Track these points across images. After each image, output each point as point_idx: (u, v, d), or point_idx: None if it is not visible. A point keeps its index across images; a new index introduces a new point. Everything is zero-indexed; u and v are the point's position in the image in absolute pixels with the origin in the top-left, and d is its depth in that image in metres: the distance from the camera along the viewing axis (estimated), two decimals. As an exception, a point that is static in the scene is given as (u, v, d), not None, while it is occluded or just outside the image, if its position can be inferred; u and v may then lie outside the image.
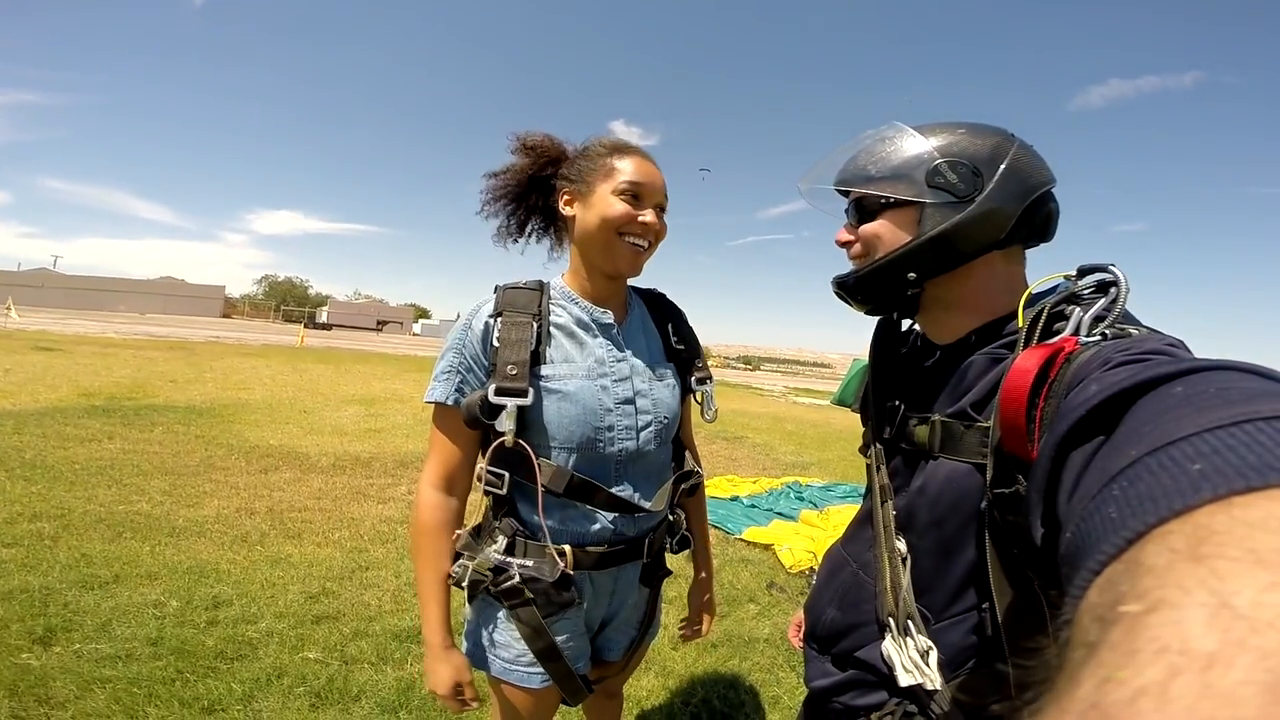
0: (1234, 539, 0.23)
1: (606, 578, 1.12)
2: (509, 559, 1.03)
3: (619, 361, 1.10)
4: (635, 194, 1.05)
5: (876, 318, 0.92)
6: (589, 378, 1.06)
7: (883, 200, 0.78)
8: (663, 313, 1.23)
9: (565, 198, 1.11)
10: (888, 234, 0.78)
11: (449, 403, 1.03)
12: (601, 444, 1.05)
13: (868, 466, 0.86)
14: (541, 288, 1.12)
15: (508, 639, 1.07)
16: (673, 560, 1.29)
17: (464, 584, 1.04)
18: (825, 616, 0.86)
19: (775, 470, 6.38)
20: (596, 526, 1.06)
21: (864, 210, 0.81)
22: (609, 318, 1.12)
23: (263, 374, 10.62)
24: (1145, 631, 0.21)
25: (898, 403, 0.84)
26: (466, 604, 1.13)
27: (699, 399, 1.21)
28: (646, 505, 1.09)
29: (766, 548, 3.78)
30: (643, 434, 1.08)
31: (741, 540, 3.90)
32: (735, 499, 4.87)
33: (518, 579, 1.02)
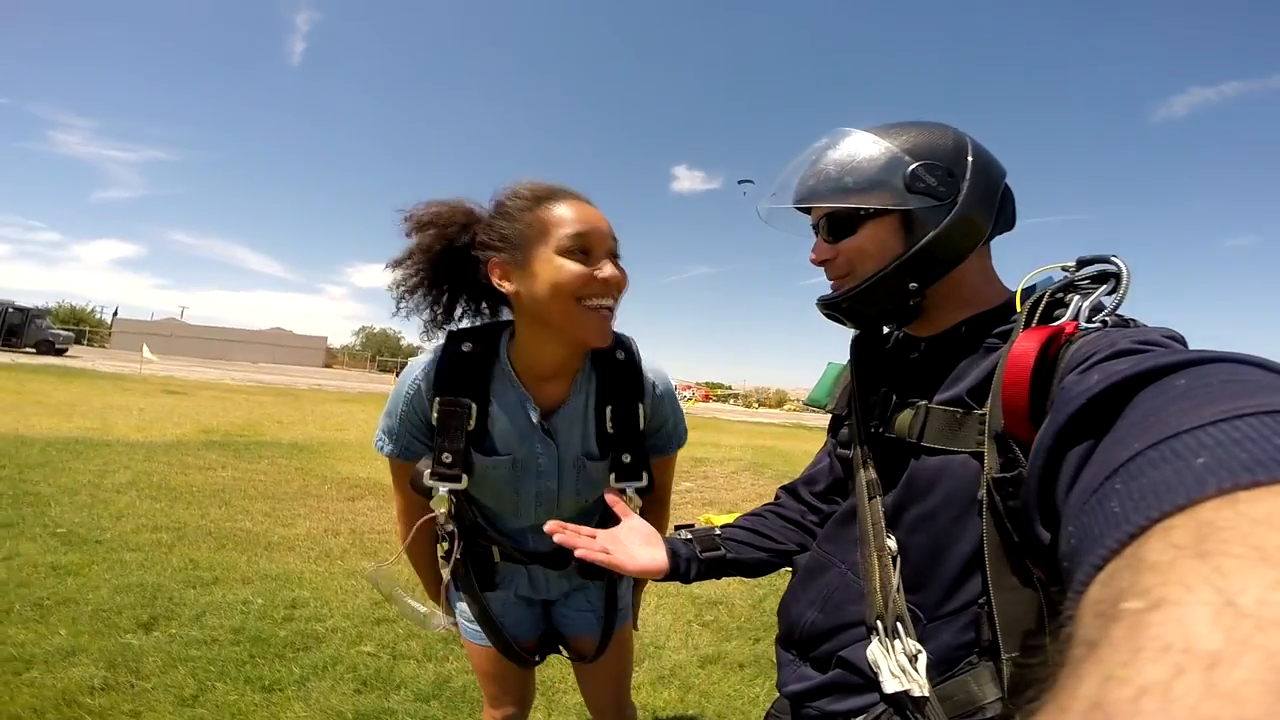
0: (1239, 535, 0.22)
1: (537, 569, 1.18)
2: (452, 545, 1.13)
3: (541, 455, 1.05)
4: (583, 248, 0.90)
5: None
6: (509, 469, 1.04)
7: (862, 212, 0.74)
8: (610, 391, 1.07)
9: (498, 272, 0.95)
10: (873, 246, 0.74)
11: (401, 458, 1.11)
12: (511, 521, 1.13)
13: (851, 464, 0.83)
14: (492, 353, 1.03)
15: (462, 602, 1.22)
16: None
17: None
18: (804, 620, 0.81)
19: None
20: (514, 540, 1.14)
21: (838, 224, 0.76)
22: (536, 415, 1.03)
23: (358, 417, 11.48)
24: (1148, 629, 0.20)
25: (888, 395, 0.80)
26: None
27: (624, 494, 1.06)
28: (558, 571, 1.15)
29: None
30: (550, 522, 0.95)
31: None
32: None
33: (458, 556, 1.12)
